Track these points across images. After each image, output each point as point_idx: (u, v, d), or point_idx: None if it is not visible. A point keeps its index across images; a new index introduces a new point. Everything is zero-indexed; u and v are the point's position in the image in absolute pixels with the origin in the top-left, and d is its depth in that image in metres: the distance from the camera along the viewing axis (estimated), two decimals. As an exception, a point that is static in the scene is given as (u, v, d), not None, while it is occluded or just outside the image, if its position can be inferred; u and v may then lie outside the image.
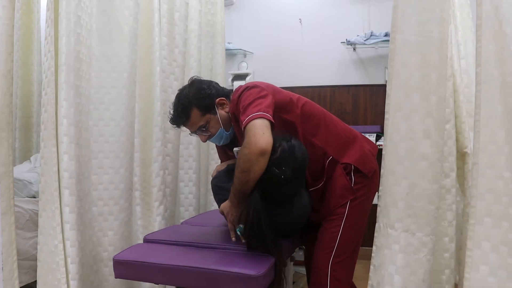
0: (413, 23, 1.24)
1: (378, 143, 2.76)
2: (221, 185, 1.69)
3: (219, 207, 1.73)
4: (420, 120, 1.23)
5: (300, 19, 3.12)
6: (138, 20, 2.02)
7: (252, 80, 3.12)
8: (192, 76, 1.78)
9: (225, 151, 1.85)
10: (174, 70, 2.22)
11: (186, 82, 2.31)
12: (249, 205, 1.42)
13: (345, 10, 3.04)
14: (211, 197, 2.50)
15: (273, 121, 1.42)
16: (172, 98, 2.20)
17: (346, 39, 2.89)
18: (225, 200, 1.56)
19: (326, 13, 3.09)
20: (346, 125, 1.71)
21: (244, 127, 1.41)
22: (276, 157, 1.41)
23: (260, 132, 1.37)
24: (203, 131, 1.66)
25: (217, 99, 1.64)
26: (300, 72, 3.12)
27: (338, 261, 1.53)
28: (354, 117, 3.04)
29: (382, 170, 1.34)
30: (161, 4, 2.10)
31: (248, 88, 1.54)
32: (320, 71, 3.09)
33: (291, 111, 1.57)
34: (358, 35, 2.88)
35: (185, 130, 1.76)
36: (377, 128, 2.92)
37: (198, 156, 2.39)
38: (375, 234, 1.36)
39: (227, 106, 1.65)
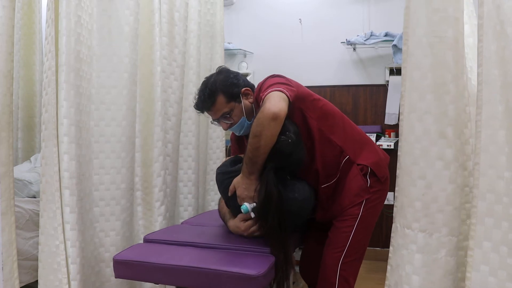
0: (425, 24, 1.23)
1: (378, 143, 2.77)
2: (224, 171, 1.67)
3: (222, 194, 1.70)
4: (435, 120, 1.23)
5: (300, 19, 3.12)
6: (139, 20, 2.02)
7: (252, 80, 3.12)
8: (220, 65, 1.83)
9: (239, 145, 1.86)
10: (174, 70, 2.22)
11: (186, 82, 2.33)
12: (264, 181, 1.44)
13: (345, 10, 3.05)
14: (209, 197, 2.51)
15: (290, 99, 1.45)
16: (172, 98, 2.22)
17: (346, 39, 2.90)
18: (229, 182, 1.56)
19: (326, 13, 3.09)
20: (361, 129, 1.75)
21: (263, 100, 1.45)
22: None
23: (276, 100, 1.40)
24: (226, 118, 1.67)
25: (243, 89, 1.66)
26: (300, 72, 3.12)
27: (348, 261, 1.55)
28: (354, 117, 3.04)
29: (398, 171, 1.33)
30: (161, 4, 2.10)
31: (273, 75, 1.59)
32: (320, 71, 3.10)
33: (310, 106, 1.60)
34: (358, 35, 2.88)
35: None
36: (377, 128, 2.92)
37: (197, 156, 2.39)
38: (392, 235, 1.35)
39: (251, 97, 1.68)
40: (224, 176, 1.63)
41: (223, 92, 1.63)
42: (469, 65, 1.60)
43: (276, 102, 1.39)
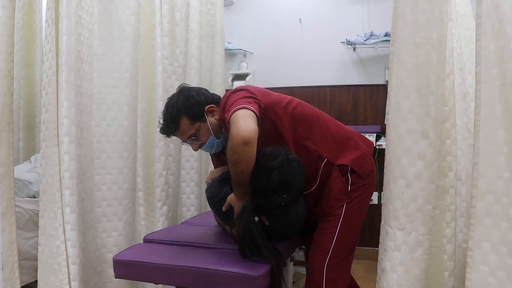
0: (413, 24, 1.24)
1: (378, 142, 2.77)
2: (214, 195, 1.65)
3: (216, 217, 1.73)
4: (418, 120, 1.24)
5: (300, 19, 3.12)
6: (140, 19, 2.01)
7: (252, 80, 3.13)
8: (180, 84, 1.74)
9: (218, 159, 1.82)
10: (176, 70, 2.22)
11: (187, 83, 2.32)
12: (241, 218, 1.41)
13: (345, 10, 3.04)
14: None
15: (257, 113, 1.39)
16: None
17: (346, 39, 2.89)
18: (221, 205, 1.56)
19: (326, 13, 3.09)
20: (341, 124, 1.69)
21: (228, 122, 1.39)
22: (273, 183, 1.40)
23: (241, 121, 1.33)
24: (194, 140, 1.62)
25: (207, 107, 1.61)
26: (300, 72, 3.12)
27: (334, 263, 1.53)
28: (354, 117, 3.04)
29: (384, 169, 1.34)
30: (162, 4, 2.10)
31: (235, 91, 1.52)
32: (320, 71, 3.09)
33: (282, 115, 1.55)
34: (358, 35, 2.88)
35: (176, 140, 1.74)
36: (377, 128, 2.92)
37: (200, 156, 2.39)
38: (380, 232, 1.37)
39: (217, 113, 1.61)
40: (215, 199, 1.63)
41: (185, 114, 1.58)
42: (458, 67, 1.61)
43: (242, 124, 1.32)
